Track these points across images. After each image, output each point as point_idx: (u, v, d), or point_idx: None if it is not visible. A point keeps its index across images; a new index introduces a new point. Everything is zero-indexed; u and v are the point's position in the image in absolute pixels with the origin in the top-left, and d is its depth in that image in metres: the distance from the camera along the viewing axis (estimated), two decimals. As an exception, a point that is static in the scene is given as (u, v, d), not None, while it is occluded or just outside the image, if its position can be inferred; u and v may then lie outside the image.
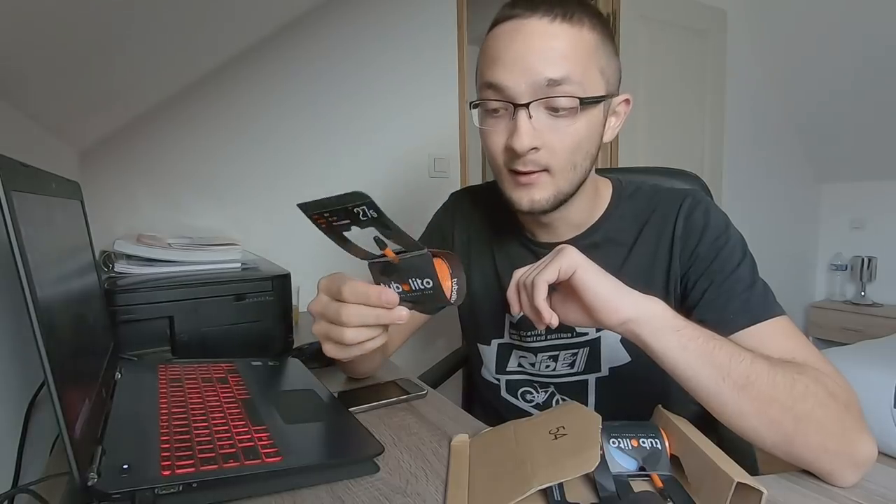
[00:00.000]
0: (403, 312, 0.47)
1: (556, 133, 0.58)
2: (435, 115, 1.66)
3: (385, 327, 0.49)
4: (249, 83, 1.36)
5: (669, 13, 2.15)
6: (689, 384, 0.47)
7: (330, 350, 0.50)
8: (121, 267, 0.86)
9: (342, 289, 0.47)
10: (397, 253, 0.47)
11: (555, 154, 0.59)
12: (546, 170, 0.60)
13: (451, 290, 0.47)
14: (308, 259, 1.41)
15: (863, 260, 2.76)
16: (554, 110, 0.58)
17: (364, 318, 0.47)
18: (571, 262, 0.49)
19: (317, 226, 0.46)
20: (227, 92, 1.33)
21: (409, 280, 0.47)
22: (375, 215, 0.42)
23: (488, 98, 0.60)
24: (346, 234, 0.46)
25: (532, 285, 0.50)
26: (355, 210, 0.43)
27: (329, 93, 1.47)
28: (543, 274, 0.49)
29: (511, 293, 0.53)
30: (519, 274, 0.53)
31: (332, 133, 1.49)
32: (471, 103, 0.62)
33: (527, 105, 0.57)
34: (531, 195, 0.61)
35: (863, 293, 2.79)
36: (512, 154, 0.59)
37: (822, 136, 2.70)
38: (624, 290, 0.49)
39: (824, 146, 2.74)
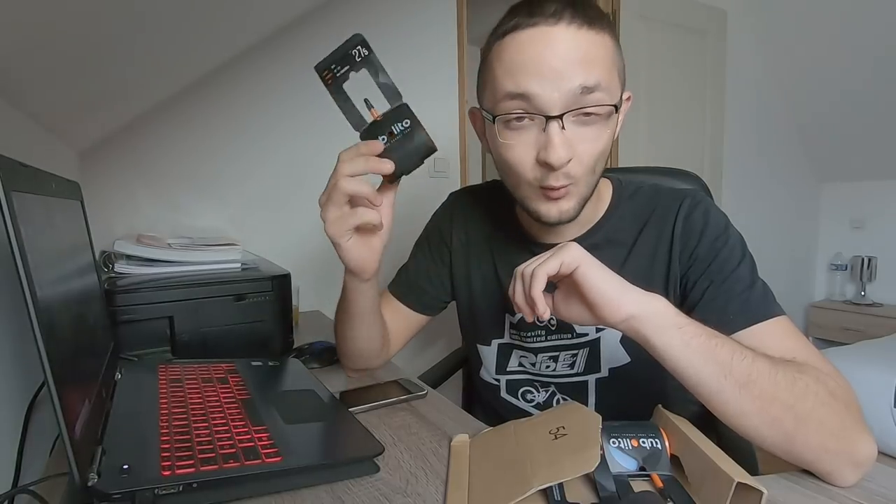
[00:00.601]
0: (388, 165, 0.55)
1: (585, 142, 0.57)
2: (435, 115, 1.66)
3: (382, 198, 0.57)
4: (249, 83, 1.36)
5: (669, 13, 2.15)
6: (690, 382, 0.47)
7: (330, 224, 0.56)
8: (121, 267, 0.87)
9: (340, 153, 0.56)
10: (382, 114, 0.56)
11: (582, 163, 0.58)
12: (572, 182, 0.59)
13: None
14: (308, 259, 1.41)
15: (863, 260, 2.76)
16: (584, 119, 0.56)
17: (355, 164, 0.54)
18: (574, 257, 0.49)
19: (326, 86, 0.56)
20: (228, 92, 1.33)
21: (392, 126, 0.56)
22: (366, 52, 0.54)
23: (515, 111, 0.57)
24: (345, 87, 0.56)
25: (532, 275, 0.50)
26: (352, 52, 0.54)
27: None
28: (545, 266, 0.49)
29: (511, 287, 0.54)
30: (521, 267, 0.53)
31: (332, 133, 1.48)
32: (494, 117, 0.59)
33: (560, 116, 0.55)
34: (559, 207, 0.60)
35: (863, 293, 2.79)
36: (546, 168, 0.57)
37: (822, 136, 2.70)
38: (626, 286, 0.49)
39: (824, 146, 2.74)
